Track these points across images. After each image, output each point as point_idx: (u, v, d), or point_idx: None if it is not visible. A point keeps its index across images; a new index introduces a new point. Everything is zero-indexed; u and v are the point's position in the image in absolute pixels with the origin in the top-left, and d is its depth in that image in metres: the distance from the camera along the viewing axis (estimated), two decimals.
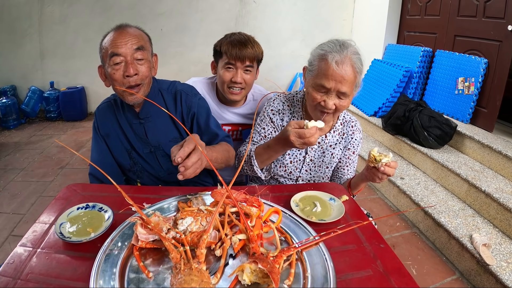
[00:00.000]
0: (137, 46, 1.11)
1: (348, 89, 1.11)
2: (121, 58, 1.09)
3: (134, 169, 1.28)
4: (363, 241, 0.86)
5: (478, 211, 2.17)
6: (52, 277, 0.69)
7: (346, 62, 1.08)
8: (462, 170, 2.33)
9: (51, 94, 4.10)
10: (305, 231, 0.86)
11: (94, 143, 1.28)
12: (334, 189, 1.13)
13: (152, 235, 0.74)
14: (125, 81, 1.11)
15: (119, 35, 1.10)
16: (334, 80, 1.09)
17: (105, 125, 1.25)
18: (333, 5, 4.45)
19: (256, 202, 0.90)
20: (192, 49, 4.10)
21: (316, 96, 1.14)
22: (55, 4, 3.96)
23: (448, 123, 2.61)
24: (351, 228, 0.86)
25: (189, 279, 0.60)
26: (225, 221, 0.82)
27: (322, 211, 0.98)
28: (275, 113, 1.31)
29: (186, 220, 0.77)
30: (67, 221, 0.84)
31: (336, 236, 0.82)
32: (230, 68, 1.41)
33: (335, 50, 1.09)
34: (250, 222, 0.82)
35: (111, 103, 1.26)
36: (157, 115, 1.23)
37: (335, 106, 1.13)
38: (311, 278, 0.71)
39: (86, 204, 0.90)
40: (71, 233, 0.81)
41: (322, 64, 1.11)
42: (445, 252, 2.02)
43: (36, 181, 2.71)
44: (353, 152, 1.35)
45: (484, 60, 2.69)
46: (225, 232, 0.79)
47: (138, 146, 1.24)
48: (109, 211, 0.87)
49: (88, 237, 0.79)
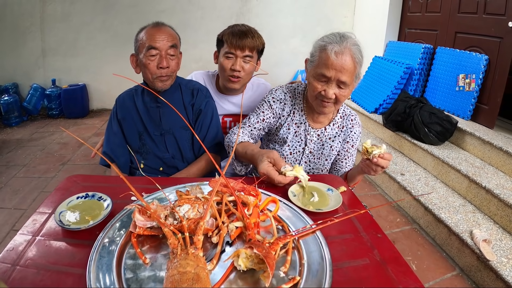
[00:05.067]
0: (172, 43, 1.28)
1: (348, 79, 1.12)
2: (156, 51, 1.26)
3: (142, 151, 1.42)
4: (360, 230, 0.86)
5: (478, 207, 2.16)
6: (50, 264, 0.70)
7: (345, 52, 1.10)
8: (462, 166, 2.33)
9: (53, 91, 4.11)
10: (302, 219, 0.86)
11: (109, 125, 1.44)
12: (332, 181, 1.13)
13: (150, 222, 0.74)
14: (157, 72, 1.28)
15: (157, 31, 1.27)
16: (334, 69, 1.11)
17: (123, 110, 1.41)
18: (334, 2, 4.44)
19: (254, 191, 0.90)
20: (194, 46, 4.10)
21: (316, 85, 1.16)
22: (57, 2, 3.98)
23: (448, 119, 2.61)
24: (348, 217, 0.86)
25: (184, 263, 0.61)
26: (222, 210, 0.82)
27: (319, 201, 0.98)
28: (275, 101, 1.32)
29: (184, 207, 0.77)
30: (66, 209, 0.85)
31: (333, 225, 0.82)
32: (230, 57, 1.44)
33: (335, 41, 1.11)
34: (247, 211, 0.82)
35: (131, 92, 1.43)
36: (173, 103, 1.38)
37: (335, 95, 1.15)
38: (307, 266, 0.71)
39: (86, 194, 0.91)
40: (70, 221, 0.81)
41: (322, 55, 1.13)
42: (446, 248, 2.02)
43: (38, 177, 2.73)
44: (352, 145, 1.35)
45: (485, 57, 2.68)
46: (222, 220, 0.79)
47: (151, 128, 1.39)
48: (108, 200, 0.88)
49: (87, 225, 0.79)
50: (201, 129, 1.42)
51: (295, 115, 1.32)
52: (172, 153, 1.41)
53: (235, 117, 1.62)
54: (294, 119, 1.32)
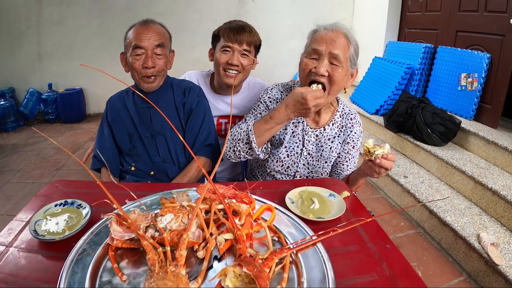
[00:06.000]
0: (158, 42, 1.24)
1: (340, 52, 1.07)
2: (142, 51, 1.22)
3: (132, 153, 1.37)
4: (367, 240, 0.78)
5: (485, 209, 2.09)
6: (21, 278, 0.63)
7: (335, 29, 1.10)
8: (467, 167, 2.26)
9: (49, 96, 4.06)
10: (301, 230, 0.78)
11: (99, 128, 1.41)
12: (334, 185, 1.06)
13: (128, 233, 0.66)
14: (143, 71, 1.24)
15: (144, 30, 1.23)
16: (324, 43, 1.08)
17: (113, 112, 1.37)
18: (333, 3, 4.41)
19: (246, 198, 0.81)
20: (191, 49, 4.06)
21: (307, 62, 1.12)
22: (53, 6, 3.94)
23: (451, 119, 2.54)
24: (353, 226, 0.75)
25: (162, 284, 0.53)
26: (211, 219, 0.73)
27: (320, 208, 0.90)
28: (272, 101, 1.26)
29: (166, 217, 0.69)
30: (43, 218, 0.79)
31: (336, 235, 0.73)
32: (227, 51, 1.39)
33: (326, 25, 1.13)
34: (239, 221, 0.74)
35: (122, 94, 1.39)
36: (164, 104, 1.34)
37: (328, 73, 1.09)
38: (306, 284, 0.63)
39: (65, 201, 0.85)
40: (46, 230, 0.75)
41: (313, 36, 1.14)
42: (452, 253, 1.95)
43: (32, 183, 2.67)
44: (352, 146, 1.28)
45: (487, 55, 2.62)
46: (210, 231, 0.71)
47: (141, 129, 1.34)
48: (87, 208, 0.81)
49: (62, 236, 0.73)
50: (191, 129, 1.35)
51: None
52: (163, 157, 1.35)
53: (232, 118, 1.55)
54: None
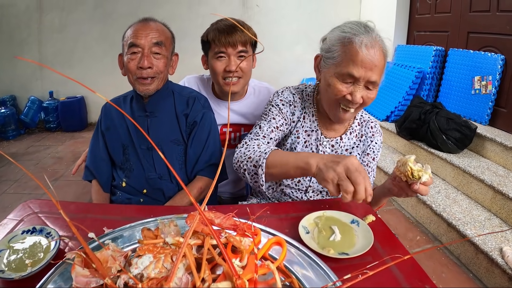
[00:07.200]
0: (157, 40, 1.12)
1: (378, 78, 0.94)
2: (138, 49, 1.10)
3: (124, 166, 1.23)
4: (402, 281, 0.63)
5: (505, 220, 1.96)
6: None
7: (375, 46, 0.91)
8: (485, 175, 2.13)
9: (50, 104, 4.00)
10: (321, 272, 0.62)
11: (93, 137, 1.30)
12: (355, 206, 0.88)
13: (96, 278, 0.52)
14: (137, 72, 1.11)
15: (141, 27, 1.12)
16: (363, 68, 0.91)
17: (107, 119, 1.26)
18: (339, 7, 4.32)
19: (249, 230, 0.64)
20: (193, 54, 3.93)
21: (341, 88, 0.95)
22: (54, 13, 3.90)
23: (467, 125, 2.42)
24: (386, 266, 0.56)
25: None
26: (203, 260, 0.56)
27: (342, 240, 0.73)
28: (285, 103, 1.10)
29: (143, 260, 0.53)
30: (7, 248, 0.66)
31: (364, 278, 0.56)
32: (222, 57, 1.26)
33: (360, 32, 0.92)
34: (240, 261, 0.58)
35: (119, 100, 1.27)
36: (163, 113, 1.21)
37: (362, 99, 0.96)
38: None
39: (33, 227, 0.72)
40: (8, 264, 0.63)
41: (347, 49, 0.92)
42: (472, 268, 1.81)
43: (28, 194, 2.58)
44: (373, 158, 1.14)
45: (501, 57, 2.50)
46: (202, 277, 0.54)
47: (137, 140, 1.21)
48: (55, 238, 0.68)
49: (22, 274, 0.60)
50: (195, 145, 1.20)
51: (305, 121, 1.11)
52: (159, 173, 1.20)
53: (237, 127, 1.42)
54: (304, 125, 1.11)
